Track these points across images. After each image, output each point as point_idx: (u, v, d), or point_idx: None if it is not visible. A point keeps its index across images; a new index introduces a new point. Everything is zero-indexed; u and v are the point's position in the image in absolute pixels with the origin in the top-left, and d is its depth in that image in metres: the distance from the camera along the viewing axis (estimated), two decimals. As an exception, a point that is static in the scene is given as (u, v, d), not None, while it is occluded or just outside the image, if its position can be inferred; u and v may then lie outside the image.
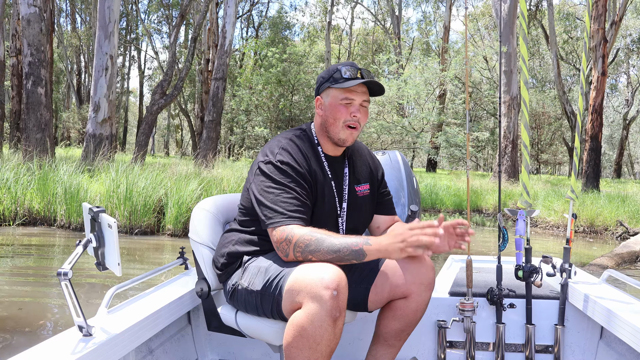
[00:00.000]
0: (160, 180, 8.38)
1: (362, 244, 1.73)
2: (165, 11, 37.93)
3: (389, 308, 2.04)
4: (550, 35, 26.66)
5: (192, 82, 34.69)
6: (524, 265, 2.33)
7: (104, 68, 12.10)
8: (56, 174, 8.43)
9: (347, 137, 1.95)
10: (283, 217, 1.80)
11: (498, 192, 2.43)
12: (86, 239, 1.70)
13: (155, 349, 2.21)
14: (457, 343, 2.50)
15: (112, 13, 12.10)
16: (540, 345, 2.49)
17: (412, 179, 2.62)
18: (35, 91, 11.59)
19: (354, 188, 2.07)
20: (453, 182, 17.09)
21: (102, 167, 9.68)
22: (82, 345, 1.58)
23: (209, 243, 2.12)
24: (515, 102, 18.91)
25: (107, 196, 7.80)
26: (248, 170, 2.05)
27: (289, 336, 1.66)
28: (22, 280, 4.79)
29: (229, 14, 14.46)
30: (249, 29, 41.16)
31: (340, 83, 1.92)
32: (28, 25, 11.63)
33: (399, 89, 15.71)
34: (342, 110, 1.93)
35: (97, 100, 12.12)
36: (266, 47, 24.49)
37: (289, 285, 1.71)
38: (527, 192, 2.27)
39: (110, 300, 1.89)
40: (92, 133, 12.10)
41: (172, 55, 15.21)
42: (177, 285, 2.34)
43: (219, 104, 14.64)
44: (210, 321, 2.16)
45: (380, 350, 2.10)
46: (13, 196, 7.94)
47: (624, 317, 2.00)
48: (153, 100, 14.56)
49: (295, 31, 42.43)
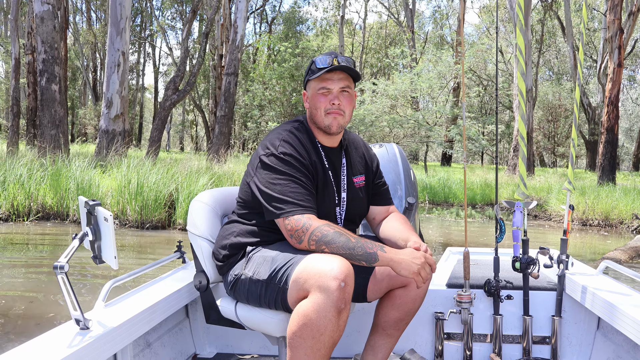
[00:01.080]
0: (172, 175, 8.42)
1: (377, 249, 1.77)
2: (179, 7, 38.08)
3: (387, 297, 2.07)
4: (567, 26, 26.31)
5: (207, 77, 34.80)
6: (521, 257, 2.33)
7: (116, 64, 12.18)
8: (68, 169, 8.52)
9: (330, 123, 1.98)
10: (295, 206, 1.83)
11: (495, 184, 2.41)
12: (82, 232, 1.70)
13: (153, 343, 2.22)
14: (454, 335, 2.51)
15: (123, 9, 12.16)
16: (537, 336, 2.50)
17: (409, 171, 2.63)
18: (50, 88, 11.70)
19: (352, 179, 2.09)
20: (467, 175, 16.99)
21: (114, 163, 9.76)
22: (79, 339, 1.58)
23: (207, 236, 2.12)
24: (530, 94, 18.69)
25: (119, 191, 7.86)
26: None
27: (293, 325, 1.67)
28: (35, 274, 4.85)
29: (240, 8, 14.47)
30: (263, 24, 41.18)
31: (316, 74, 1.97)
32: (42, 23, 11.73)
33: (411, 82, 15.60)
34: (321, 99, 1.98)
35: (109, 96, 12.21)
36: (279, 42, 24.48)
37: (297, 274, 1.72)
38: (524, 183, 2.26)
39: (107, 293, 1.90)
40: (105, 129, 12.20)
41: (184, 51, 15.27)
42: (174, 279, 2.35)
43: (230, 99, 14.67)
44: (209, 314, 2.16)
45: (379, 340, 2.12)
46: (27, 192, 8.04)
47: (621, 308, 2.01)
48: (165, 96, 14.65)
49: (309, 26, 42.33)
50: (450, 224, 9.88)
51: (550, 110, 33.70)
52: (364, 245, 1.77)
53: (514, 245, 2.35)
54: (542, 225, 10.24)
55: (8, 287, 4.36)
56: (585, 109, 26.52)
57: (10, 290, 4.26)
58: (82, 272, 4.96)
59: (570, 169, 2.29)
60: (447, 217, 10.84)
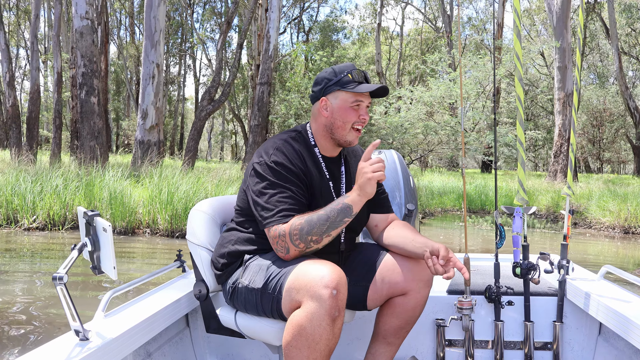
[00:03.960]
0: (202, 184, 8.53)
1: (342, 201, 1.83)
2: (218, 19, 38.78)
3: (388, 305, 2.06)
4: (611, 28, 25.49)
5: (246, 87, 35.27)
6: (522, 263, 2.33)
7: (150, 76, 12.47)
8: (102, 179, 8.73)
9: (353, 139, 2.00)
10: (277, 216, 1.83)
11: (494, 190, 2.36)
12: (81, 243, 1.71)
13: (153, 352, 2.21)
14: (456, 341, 2.50)
15: (157, 22, 12.46)
16: (539, 342, 2.49)
17: (408, 178, 2.65)
18: (89, 100, 12.07)
19: (352, 187, 2.05)
20: (506, 182, 16.63)
21: (147, 173, 9.96)
22: (79, 350, 1.58)
23: (206, 245, 2.13)
24: (571, 98, 18.16)
25: (150, 201, 8.01)
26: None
27: (288, 335, 1.68)
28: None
29: (272, 19, 14.63)
30: (300, 34, 41.50)
31: (352, 87, 1.94)
32: (81, 38, 12.13)
33: (447, 89, 15.40)
34: (352, 113, 1.96)
35: (144, 107, 12.50)
36: (314, 51, 24.60)
37: (289, 284, 1.73)
38: (523, 189, 2.21)
39: (107, 304, 1.90)
40: (140, 139, 12.49)
41: (219, 61, 15.51)
42: (174, 288, 2.35)
43: (264, 109, 14.82)
44: (209, 323, 2.16)
45: (379, 348, 2.11)
46: (62, 202, 8.27)
47: (623, 313, 2.00)
48: (201, 107, 14.90)
49: (345, 34, 42.42)
50: (487, 232, 9.66)
51: (594, 114, 32.67)
52: (334, 207, 1.81)
53: (514, 250, 2.35)
54: (583, 233, 9.89)
55: (46, 295, 4.48)
56: (632, 112, 25.58)
57: (43, 297, 4.37)
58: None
59: (570, 174, 2.22)
60: (482, 225, 10.61)
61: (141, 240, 7.55)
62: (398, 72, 42.34)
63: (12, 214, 8.10)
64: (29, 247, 6.80)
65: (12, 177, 8.64)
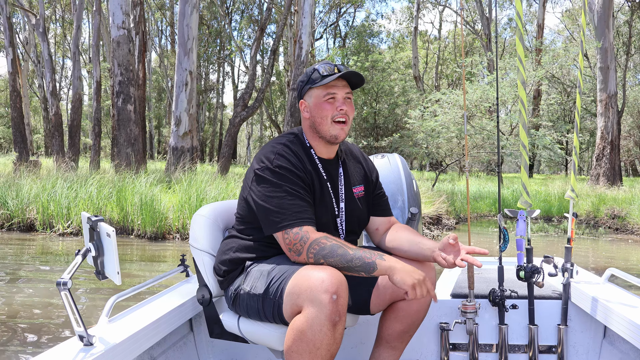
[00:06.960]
0: (231, 189, 8.59)
1: (375, 258, 1.77)
2: (255, 27, 39.22)
3: (391, 310, 2.06)
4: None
5: (283, 93, 35.54)
6: (526, 266, 2.31)
7: (183, 83, 12.67)
8: (134, 186, 8.89)
9: (338, 133, 1.96)
10: (294, 219, 1.83)
11: (498, 193, 2.31)
12: (85, 248, 1.72)
13: (157, 357, 2.22)
14: (460, 345, 2.50)
15: (190, 30, 12.66)
16: (543, 345, 2.48)
17: (411, 181, 2.63)
18: (125, 108, 12.35)
19: (351, 190, 2.08)
20: (545, 186, 16.23)
21: (179, 179, 10.11)
22: (83, 355, 1.59)
23: (209, 250, 2.13)
24: (614, 100, 17.59)
25: (180, 206, 8.11)
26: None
27: (289, 341, 1.68)
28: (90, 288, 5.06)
29: (304, 24, 14.69)
30: (336, 39, 41.56)
31: (320, 81, 1.93)
32: (118, 47, 12.44)
33: (483, 92, 15.12)
34: (327, 107, 1.94)
35: (178, 114, 12.71)
36: (349, 56, 24.59)
37: (289, 289, 1.73)
38: (526, 192, 2.14)
39: (111, 309, 1.90)
40: (174, 146, 12.70)
41: (252, 68, 15.67)
42: (178, 293, 2.35)
43: (297, 114, 14.86)
44: (212, 328, 2.17)
45: (383, 353, 2.11)
46: (96, 207, 8.46)
47: (627, 316, 1.99)
48: (235, 113, 15.06)
49: (382, 38, 42.26)
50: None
51: (639, 116, 31.53)
52: (362, 255, 1.76)
53: (517, 254, 2.33)
54: (625, 240, 9.52)
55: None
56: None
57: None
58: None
59: (573, 177, 2.16)
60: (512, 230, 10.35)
61: (169, 246, 7.64)
62: (436, 76, 41.89)
63: (48, 220, 8.34)
64: (64, 250, 6.98)
65: (49, 184, 8.90)
